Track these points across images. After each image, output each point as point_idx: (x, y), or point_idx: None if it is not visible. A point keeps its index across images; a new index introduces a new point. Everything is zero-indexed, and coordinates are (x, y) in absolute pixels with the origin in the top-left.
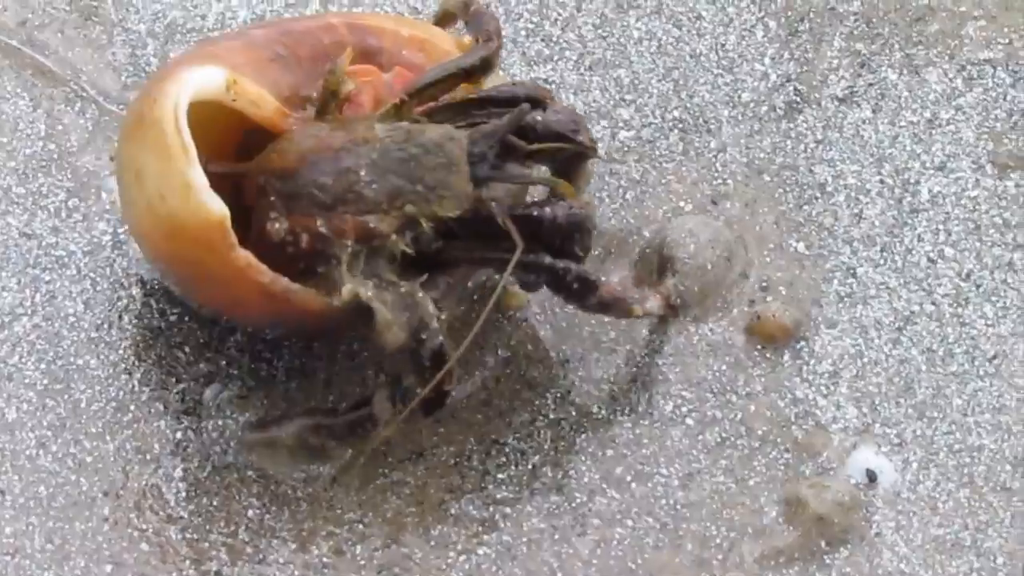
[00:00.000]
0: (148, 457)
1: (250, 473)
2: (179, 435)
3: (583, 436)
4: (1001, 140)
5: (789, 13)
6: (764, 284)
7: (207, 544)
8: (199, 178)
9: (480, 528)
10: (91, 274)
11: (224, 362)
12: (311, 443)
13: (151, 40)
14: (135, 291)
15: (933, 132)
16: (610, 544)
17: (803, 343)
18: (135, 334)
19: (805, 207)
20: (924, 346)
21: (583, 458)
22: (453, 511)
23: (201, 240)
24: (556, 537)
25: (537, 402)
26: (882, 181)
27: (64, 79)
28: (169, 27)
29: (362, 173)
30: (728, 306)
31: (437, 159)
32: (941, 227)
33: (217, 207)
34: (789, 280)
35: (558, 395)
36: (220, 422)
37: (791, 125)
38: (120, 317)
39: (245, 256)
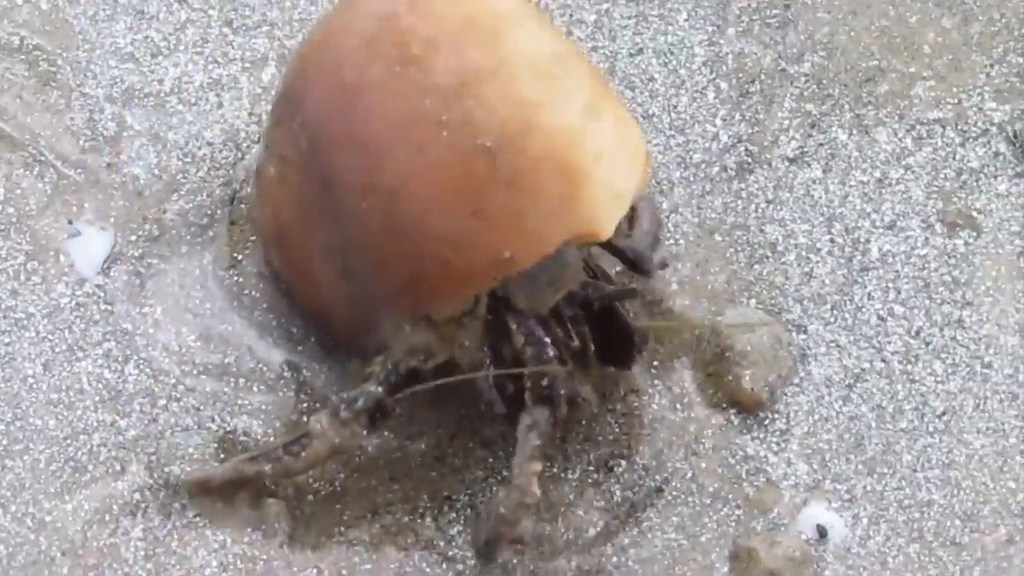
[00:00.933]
0: (107, 517)
1: (208, 532)
2: (137, 495)
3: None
4: (950, 199)
5: (740, 75)
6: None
7: None
8: None
9: None
10: (50, 336)
11: (189, 419)
12: (246, 474)
13: (108, 105)
14: (95, 352)
15: (883, 191)
16: None
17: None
18: (94, 396)
19: (756, 266)
20: (874, 403)
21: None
22: (408, 569)
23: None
24: None
25: (491, 460)
26: (832, 240)
27: (23, 143)
28: (127, 92)
29: None
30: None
31: None
32: (891, 285)
33: None
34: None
35: (512, 452)
36: (178, 471)
37: (742, 185)
38: (79, 379)
39: None
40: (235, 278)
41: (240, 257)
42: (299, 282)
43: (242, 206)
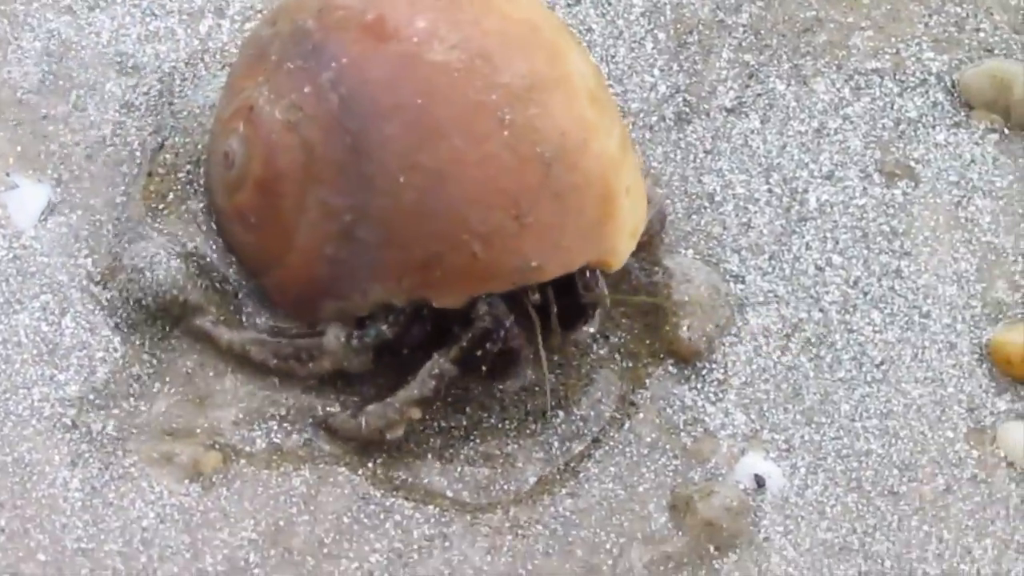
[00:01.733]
0: (47, 468)
1: (145, 484)
2: (76, 447)
3: (474, 441)
4: (888, 149)
5: (678, 25)
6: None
7: (103, 553)
8: None
9: (372, 536)
10: None
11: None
12: (253, 355)
13: (46, 58)
14: (32, 305)
15: (821, 141)
16: (500, 551)
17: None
18: (31, 349)
19: (694, 216)
20: (812, 353)
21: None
22: (345, 519)
23: None
24: (447, 544)
25: (441, 420)
26: (770, 190)
27: None
28: (64, 44)
29: None
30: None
31: None
32: (829, 235)
33: None
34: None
35: (448, 400)
36: (116, 424)
37: (680, 135)
38: (16, 332)
39: None
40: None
41: (162, 207)
42: (268, 226)
43: (166, 156)
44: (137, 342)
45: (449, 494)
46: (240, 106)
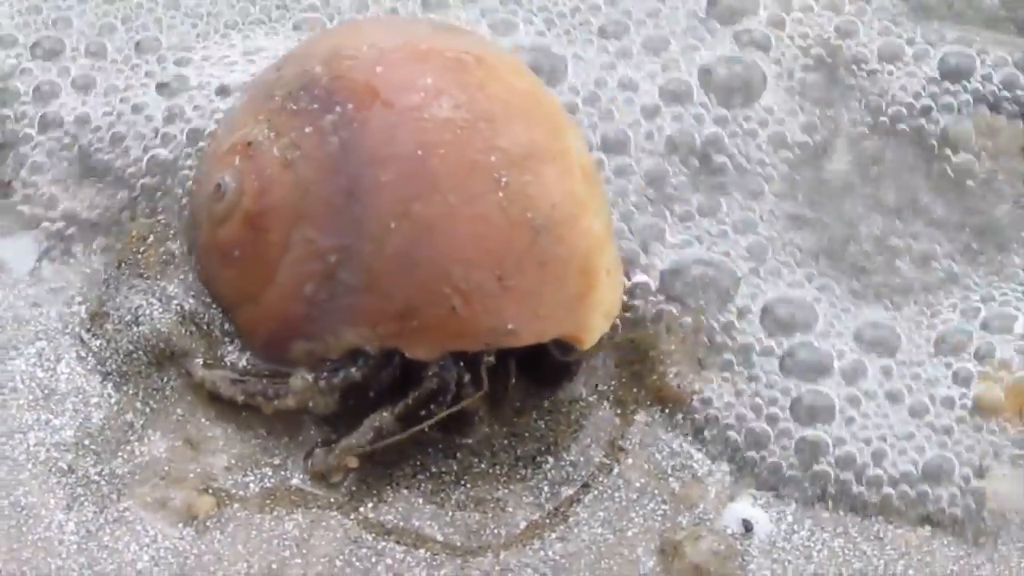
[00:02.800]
0: (43, 512)
1: (139, 527)
2: (72, 491)
3: (464, 486)
4: None
5: None
6: None
7: None
8: None
9: None
10: None
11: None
12: (222, 392)
13: None
14: (28, 351)
15: None
16: None
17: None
18: (27, 395)
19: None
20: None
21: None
22: (338, 562)
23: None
24: None
25: (419, 458)
26: None
27: None
28: None
29: None
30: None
31: None
32: None
33: None
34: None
35: (436, 447)
36: (111, 468)
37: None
38: (12, 378)
39: None
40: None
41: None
42: (250, 261)
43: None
44: (131, 390)
45: (440, 538)
46: (237, 141)
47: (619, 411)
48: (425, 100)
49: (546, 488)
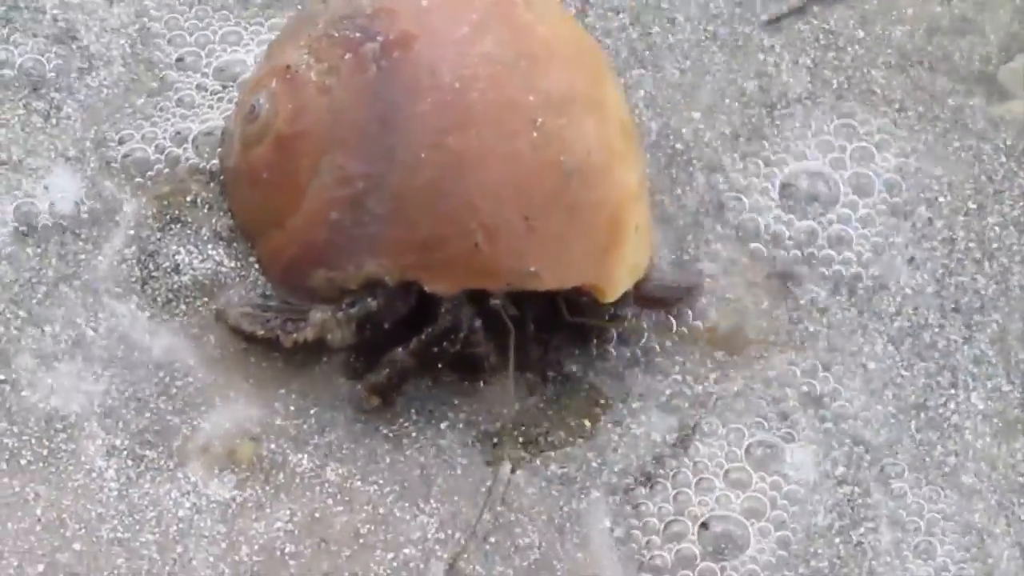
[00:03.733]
0: (83, 458)
1: (179, 474)
2: (111, 440)
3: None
4: None
5: None
6: None
7: (138, 543)
8: None
9: (406, 528)
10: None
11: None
12: (243, 327)
13: None
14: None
15: None
16: None
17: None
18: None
19: None
20: None
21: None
22: (381, 511)
23: None
24: None
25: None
26: None
27: None
28: None
29: None
30: None
31: None
32: None
33: None
34: None
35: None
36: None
37: None
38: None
39: None
40: None
41: None
42: (278, 185)
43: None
44: (169, 337)
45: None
46: (276, 65)
47: None
48: (469, 35)
49: None
